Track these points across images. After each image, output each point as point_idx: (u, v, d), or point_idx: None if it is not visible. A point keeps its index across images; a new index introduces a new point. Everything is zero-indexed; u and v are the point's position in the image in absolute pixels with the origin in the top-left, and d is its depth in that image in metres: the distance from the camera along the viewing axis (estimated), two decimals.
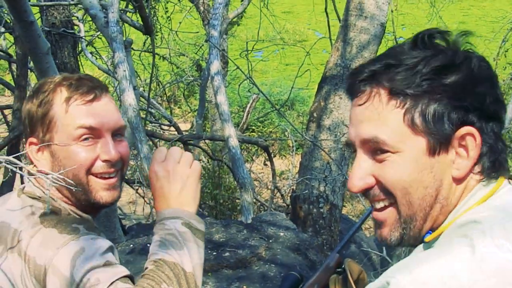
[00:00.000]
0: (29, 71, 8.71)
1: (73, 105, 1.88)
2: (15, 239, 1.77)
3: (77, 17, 9.69)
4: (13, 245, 1.76)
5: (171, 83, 16.54)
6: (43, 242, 1.73)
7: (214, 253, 4.19)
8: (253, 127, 18.50)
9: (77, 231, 1.77)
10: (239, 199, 10.48)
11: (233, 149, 5.82)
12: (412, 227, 1.40)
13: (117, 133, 1.95)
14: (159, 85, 14.80)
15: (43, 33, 4.74)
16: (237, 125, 13.85)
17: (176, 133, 10.83)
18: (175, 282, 1.69)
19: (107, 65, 11.67)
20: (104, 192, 1.91)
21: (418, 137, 1.35)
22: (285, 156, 16.99)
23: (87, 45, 10.86)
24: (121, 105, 5.30)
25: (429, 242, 1.41)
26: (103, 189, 1.91)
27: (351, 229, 1.97)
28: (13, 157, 1.77)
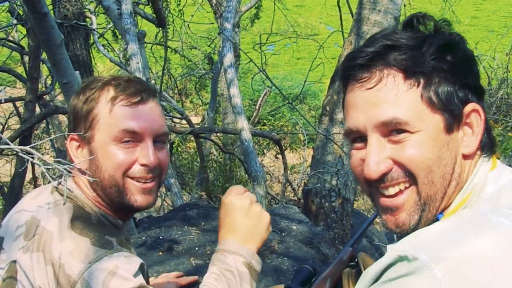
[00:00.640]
0: (41, 63, 8.72)
1: (118, 105, 1.87)
2: (43, 238, 1.75)
3: (89, 10, 9.69)
4: (40, 244, 1.74)
5: (183, 76, 16.53)
6: (74, 251, 1.70)
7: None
8: (265, 121, 18.50)
9: (110, 246, 1.75)
10: (250, 192, 10.48)
11: (246, 142, 5.81)
12: (431, 208, 1.40)
13: (159, 140, 1.93)
14: (170, 78, 14.80)
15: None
16: (249, 119, 13.84)
17: (187, 126, 10.82)
18: None
19: (119, 58, 11.67)
20: (139, 195, 1.90)
21: (436, 115, 1.36)
22: (296, 150, 16.97)
23: (99, 38, 10.86)
24: None
25: None
26: (138, 193, 1.89)
27: (364, 223, 1.96)
28: (28, 148, 1.75)
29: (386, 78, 1.38)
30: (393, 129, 1.38)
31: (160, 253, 4.74)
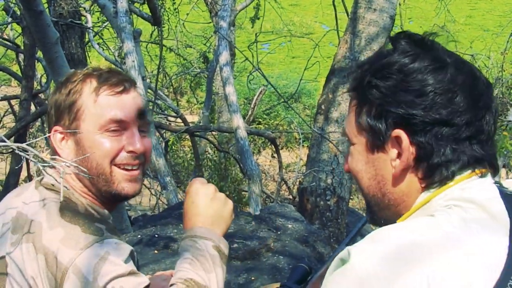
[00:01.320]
0: (37, 61, 8.71)
1: (102, 95, 1.88)
2: (31, 229, 1.75)
3: (85, 8, 9.68)
4: (29, 235, 1.74)
5: (178, 74, 16.53)
6: (65, 238, 1.70)
7: None
8: (260, 119, 18.51)
9: (100, 232, 1.76)
10: (245, 191, 10.48)
11: (241, 140, 5.81)
12: (375, 210, 1.54)
13: (141, 129, 1.95)
14: (166, 76, 14.80)
15: None
16: (244, 117, 13.84)
17: (183, 124, 10.82)
18: None
19: (115, 56, 11.66)
20: (126, 183, 1.91)
21: (361, 135, 1.48)
22: (291, 148, 16.99)
23: (94, 36, 10.85)
24: None
25: None
26: (125, 180, 1.91)
27: (360, 221, 1.97)
28: (24, 145, 1.75)
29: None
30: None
31: (155, 252, 4.74)
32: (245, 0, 11.93)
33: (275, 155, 10.25)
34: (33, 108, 8.79)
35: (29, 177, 10.49)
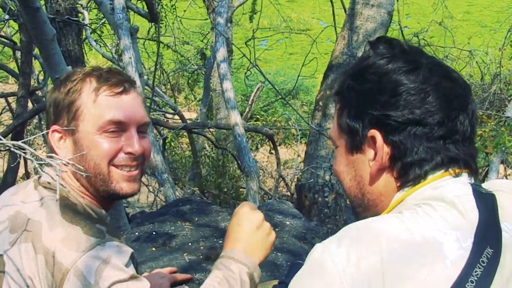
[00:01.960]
0: (34, 58, 8.70)
1: (102, 95, 1.89)
2: (31, 229, 1.74)
3: (81, 5, 9.66)
4: (28, 235, 1.73)
5: (175, 71, 16.52)
6: (66, 239, 1.70)
7: (220, 241, 4.16)
8: (257, 116, 18.50)
9: (102, 235, 1.76)
10: (243, 187, 10.47)
11: (239, 137, 5.80)
12: (358, 211, 1.58)
13: (140, 130, 1.96)
14: (163, 73, 14.78)
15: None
16: (241, 114, 13.84)
17: (180, 121, 10.81)
18: None
19: (112, 53, 11.64)
20: (124, 183, 1.92)
21: (342, 136, 1.53)
22: (289, 145, 16.98)
23: (91, 33, 10.83)
24: None
25: None
26: (123, 180, 1.92)
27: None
28: (21, 143, 1.74)
29: None
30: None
31: (153, 249, 4.73)
32: None
33: (273, 151, 10.24)
34: (30, 105, 8.78)
35: (27, 174, 10.49)
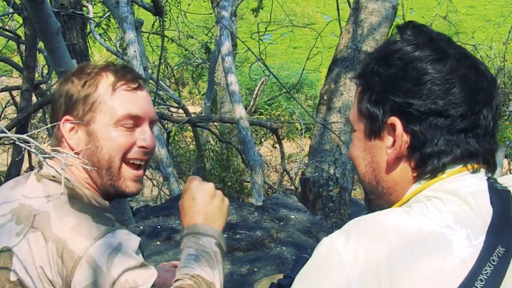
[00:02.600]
0: (38, 52, 8.68)
1: (119, 89, 1.93)
2: (38, 219, 1.75)
3: None
4: (37, 224, 1.74)
5: (180, 65, 16.51)
6: (76, 227, 1.72)
7: (225, 235, 4.18)
8: (262, 110, 18.48)
9: (111, 223, 1.80)
10: (248, 181, 10.47)
11: (243, 130, 5.79)
12: (371, 198, 1.58)
13: (150, 126, 2.01)
14: (167, 67, 14.78)
15: None
16: (246, 108, 13.83)
17: (184, 115, 10.80)
18: None
19: (116, 47, 11.63)
20: (131, 182, 1.96)
21: (361, 120, 1.50)
22: (293, 139, 16.98)
23: (96, 27, 10.83)
24: None
25: None
26: (131, 180, 1.96)
27: (362, 212, 1.99)
28: (25, 136, 1.74)
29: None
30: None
31: (158, 243, 4.73)
32: None
33: (277, 145, 10.24)
34: (34, 99, 8.77)
35: (31, 168, 10.48)
